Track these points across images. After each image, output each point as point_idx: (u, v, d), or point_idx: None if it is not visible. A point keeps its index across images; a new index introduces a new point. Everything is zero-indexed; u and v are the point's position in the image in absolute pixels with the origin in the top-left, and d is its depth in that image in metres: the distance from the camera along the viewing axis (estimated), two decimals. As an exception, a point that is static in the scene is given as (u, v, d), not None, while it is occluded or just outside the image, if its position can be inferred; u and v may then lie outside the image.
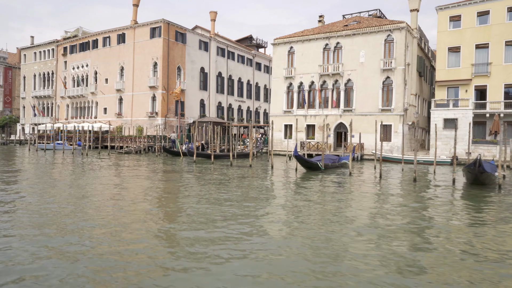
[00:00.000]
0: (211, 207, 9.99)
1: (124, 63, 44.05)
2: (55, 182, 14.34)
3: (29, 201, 10.35)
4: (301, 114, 35.13)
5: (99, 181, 14.79)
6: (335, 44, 33.45)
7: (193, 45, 44.97)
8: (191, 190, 13.14)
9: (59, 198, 11.06)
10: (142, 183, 14.77)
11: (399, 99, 30.69)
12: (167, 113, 41.72)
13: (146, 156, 31.74)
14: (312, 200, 11.66)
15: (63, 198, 10.99)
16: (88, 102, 48.20)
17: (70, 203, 10.24)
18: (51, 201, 10.51)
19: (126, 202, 10.61)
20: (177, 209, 9.86)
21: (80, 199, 10.73)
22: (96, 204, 10.17)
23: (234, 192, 12.68)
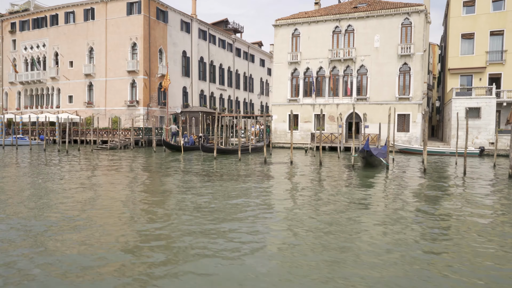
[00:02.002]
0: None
1: (94, 44, 37.81)
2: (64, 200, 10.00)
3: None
4: (308, 103, 32.28)
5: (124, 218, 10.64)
6: (346, 27, 30.87)
7: (174, 25, 39.93)
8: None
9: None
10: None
11: (418, 87, 29.03)
12: (150, 102, 36.58)
13: (138, 152, 26.91)
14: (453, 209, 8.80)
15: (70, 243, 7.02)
16: (48, 89, 41.10)
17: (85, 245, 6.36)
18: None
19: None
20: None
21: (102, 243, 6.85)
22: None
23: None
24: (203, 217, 7.75)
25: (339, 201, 9.65)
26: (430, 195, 10.90)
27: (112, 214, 7.96)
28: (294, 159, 22.37)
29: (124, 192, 10.65)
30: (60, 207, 8.49)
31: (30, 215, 7.76)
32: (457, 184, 13.12)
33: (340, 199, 9.84)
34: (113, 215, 7.88)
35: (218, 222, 7.39)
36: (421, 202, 9.85)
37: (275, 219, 7.75)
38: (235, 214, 8.06)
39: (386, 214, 8.28)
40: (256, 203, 9.30)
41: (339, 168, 17.57)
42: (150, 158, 21.56)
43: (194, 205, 8.89)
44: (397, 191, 11.43)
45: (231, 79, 51.93)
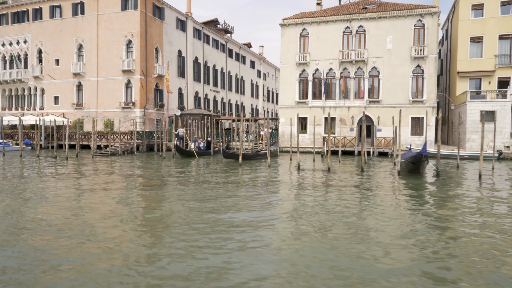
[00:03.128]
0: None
1: (83, 41, 34.99)
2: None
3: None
4: (318, 106, 31.15)
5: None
6: (357, 27, 30.05)
7: (170, 22, 37.80)
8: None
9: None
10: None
11: (432, 90, 28.60)
12: (146, 104, 34.22)
13: (143, 158, 24.69)
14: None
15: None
16: (30, 89, 37.71)
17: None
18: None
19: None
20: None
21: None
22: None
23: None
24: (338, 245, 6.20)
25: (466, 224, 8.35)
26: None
27: (191, 243, 6.26)
28: (316, 164, 21.07)
29: (191, 215, 8.87)
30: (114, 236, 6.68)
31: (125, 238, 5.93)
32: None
33: (454, 219, 8.55)
34: (193, 244, 6.18)
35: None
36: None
37: (400, 247, 6.32)
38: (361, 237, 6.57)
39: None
40: (364, 223, 7.84)
41: (384, 175, 16.40)
42: (167, 166, 19.53)
43: (306, 228, 7.31)
44: (499, 203, 10.32)
45: (224, 81, 50.17)
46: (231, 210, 8.81)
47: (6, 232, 6.77)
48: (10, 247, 5.97)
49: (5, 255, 5.65)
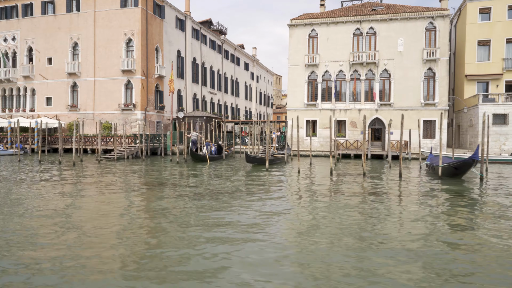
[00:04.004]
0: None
1: (79, 39, 33.08)
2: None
3: None
4: (327, 108, 30.47)
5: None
6: (367, 29, 29.61)
7: (170, 21, 36.37)
8: None
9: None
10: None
11: (443, 93, 28.43)
12: (147, 105, 32.63)
13: (154, 162, 23.23)
14: None
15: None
16: (19, 90, 35.38)
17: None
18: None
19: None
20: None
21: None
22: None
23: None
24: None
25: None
26: None
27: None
28: (343, 168, 20.28)
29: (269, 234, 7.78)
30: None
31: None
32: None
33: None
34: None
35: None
36: None
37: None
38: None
39: None
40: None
41: (421, 179, 15.72)
42: (190, 172, 18.23)
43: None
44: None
45: (220, 83, 48.94)
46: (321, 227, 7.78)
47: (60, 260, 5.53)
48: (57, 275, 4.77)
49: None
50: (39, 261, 5.43)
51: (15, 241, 6.38)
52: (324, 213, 8.81)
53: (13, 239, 6.46)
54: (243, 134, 37.30)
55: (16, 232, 6.89)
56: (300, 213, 8.95)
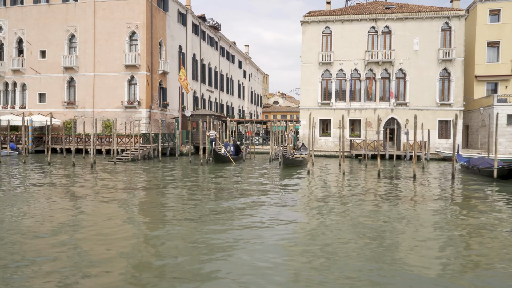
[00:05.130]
0: None
1: (76, 30, 30.75)
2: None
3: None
4: (342, 108, 29.83)
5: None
6: (383, 27, 29.20)
7: (172, 15, 34.63)
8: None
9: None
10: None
11: (459, 93, 28.45)
12: (151, 103, 30.79)
13: (172, 164, 21.66)
14: None
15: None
16: (7, 85, 32.51)
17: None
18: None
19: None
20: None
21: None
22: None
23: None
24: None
25: None
26: None
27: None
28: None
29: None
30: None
31: None
32: None
33: None
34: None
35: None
36: None
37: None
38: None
39: None
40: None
41: (473, 183, 15.23)
42: (228, 175, 16.91)
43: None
44: None
45: (216, 80, 47.45)
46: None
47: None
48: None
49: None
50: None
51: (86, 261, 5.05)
52: (428, 221, 7.89)
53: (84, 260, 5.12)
54: (249, 134, 36.10)
55: (91, 260, 5.53)
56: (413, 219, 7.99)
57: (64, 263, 5.17)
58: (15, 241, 6.18)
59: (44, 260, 5.32)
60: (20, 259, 5.36)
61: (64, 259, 5.34)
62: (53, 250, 5.73)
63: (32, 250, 5.76)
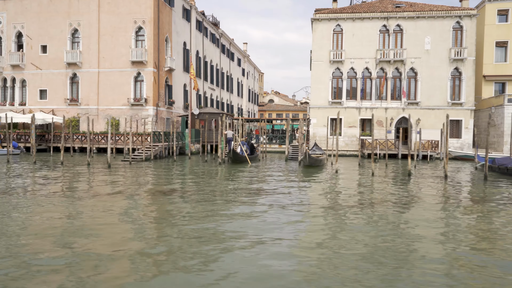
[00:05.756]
0: None
1: (79, 25, 29.67)
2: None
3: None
4: (353, 106, 29.56)
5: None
6: (394, 26, 29.01)
7: (178, 10, 33.81)
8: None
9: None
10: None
11: (470, 93, 28.47)
12: (158, 100, 29.95)
13: (190, 164, 20.98)
14: None
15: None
16: (5, 80, 31.22)
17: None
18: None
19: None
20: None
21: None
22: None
23: None
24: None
25: None
26: None
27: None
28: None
29: None
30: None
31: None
32: None
33: None
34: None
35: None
36: None
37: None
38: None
39: None
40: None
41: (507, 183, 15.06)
42: (257, 175, 16.35)
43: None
44: None
45: (218, 78, 46.71)
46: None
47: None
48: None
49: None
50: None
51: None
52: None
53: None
54: (256, 133, 35.56)
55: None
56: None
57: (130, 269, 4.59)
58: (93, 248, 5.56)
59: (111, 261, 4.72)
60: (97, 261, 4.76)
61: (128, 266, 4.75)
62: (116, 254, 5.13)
63: (108, 258, 5.15)
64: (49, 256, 5.34)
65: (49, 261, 5.15)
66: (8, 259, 5.20)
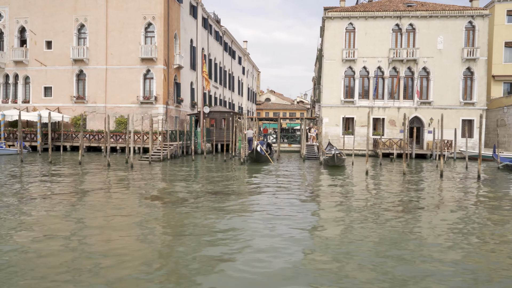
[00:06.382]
0: None
1: (86, 20, 28.79)
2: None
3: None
4: (365, 106, 29.40)
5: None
6: (407, 25, 28.92)
7: (185, 7, 33.13)
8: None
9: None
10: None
11: (482, 92, 28.58)
12: (168, 98, 29.30)
13: (210, 163, 20.48)
14: None
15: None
16: (7, 77, 30.14)
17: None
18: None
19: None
20: None
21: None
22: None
23: None
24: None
25: None
26: None
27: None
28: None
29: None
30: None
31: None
32: None
33: None
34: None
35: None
36: None
37: None
38: None
39: None
40: None
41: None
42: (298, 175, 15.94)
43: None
44: None
45: (221, 76, 46.13)
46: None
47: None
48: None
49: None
50: None
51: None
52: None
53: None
54: (264, 132, 35.15)
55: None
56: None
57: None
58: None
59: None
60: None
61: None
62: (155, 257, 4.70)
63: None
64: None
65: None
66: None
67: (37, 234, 6.32)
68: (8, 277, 4.54)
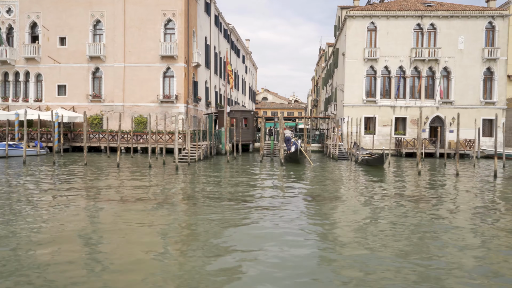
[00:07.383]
0: None
1: (102, 16, 27.77)
2: None
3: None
4: (387, 105, 29.34)
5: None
6: (428, 25, 28.96)
7: (201, 4, 32.39)
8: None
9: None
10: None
11: (502, 92, 28.89)
12: (188, 97, 28.56)
13: (242, 163, 19.95)
14: None
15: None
16: (18, 74, 28.82)
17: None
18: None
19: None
20: None
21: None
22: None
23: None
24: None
25: None
26: None
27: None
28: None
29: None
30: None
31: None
32: None
33: None
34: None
35: None
36: None
37: None
38: None
39: None
40: None
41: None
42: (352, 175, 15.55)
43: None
44: None
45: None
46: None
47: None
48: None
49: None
50: None
51: None
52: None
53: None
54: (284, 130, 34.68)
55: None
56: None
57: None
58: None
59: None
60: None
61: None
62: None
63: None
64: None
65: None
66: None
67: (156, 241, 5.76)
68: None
